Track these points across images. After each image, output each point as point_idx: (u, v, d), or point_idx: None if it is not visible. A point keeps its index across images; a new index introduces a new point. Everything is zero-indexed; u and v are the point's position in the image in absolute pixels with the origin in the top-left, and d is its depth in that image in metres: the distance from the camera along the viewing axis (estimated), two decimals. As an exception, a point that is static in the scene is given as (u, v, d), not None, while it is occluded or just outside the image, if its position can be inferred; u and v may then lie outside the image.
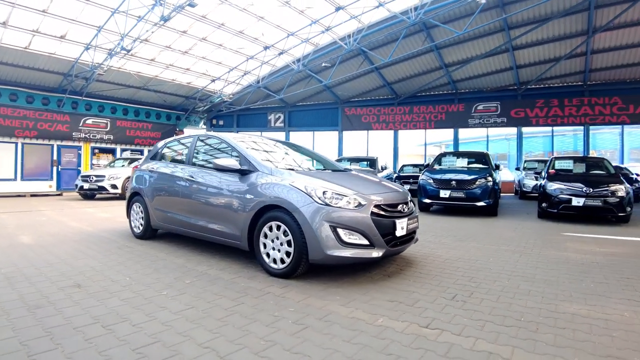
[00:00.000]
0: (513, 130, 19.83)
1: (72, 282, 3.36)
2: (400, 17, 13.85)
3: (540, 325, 2.61)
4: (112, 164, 14.66)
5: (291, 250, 3.44)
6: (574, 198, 7.93)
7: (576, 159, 10.01)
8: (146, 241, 5.22)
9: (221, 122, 23.51)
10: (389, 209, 3.64)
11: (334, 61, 17.23)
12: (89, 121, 18.00)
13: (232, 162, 3.93)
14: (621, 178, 8.47)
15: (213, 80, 18.88)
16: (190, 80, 18.90)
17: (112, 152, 19.22)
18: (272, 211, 3.59)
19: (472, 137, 21.11)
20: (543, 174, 9.68)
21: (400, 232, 3.66)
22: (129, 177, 12.88)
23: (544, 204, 8.47)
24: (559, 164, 9.74)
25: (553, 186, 8.38)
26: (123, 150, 19.44)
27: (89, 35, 13.41)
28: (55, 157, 17.19)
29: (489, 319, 2.71)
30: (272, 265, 3.59)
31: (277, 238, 3.55)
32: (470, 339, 2.37)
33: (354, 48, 15.36)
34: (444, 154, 11.36)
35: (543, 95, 18.69)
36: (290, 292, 3.15)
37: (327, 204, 3.37)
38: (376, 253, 3.42)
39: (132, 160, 14.44)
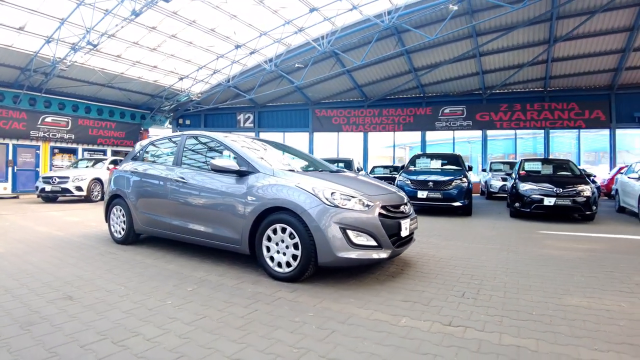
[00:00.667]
0: (478, 133, 20.60)
1: (61, 293, 3.09)
2: (374, 20, 14.03)
3: (553, 318, 2.70)
4: (75, 164, 13.85)
5: (298, 253, 3.36)
6: (545, 198, 8.32)
7: (544, 161, 10.52)
8: (128, 246, 4.93)
9: (188, 122, 22.85)
10: (392, 210, 3.65)
11: (306, 62, 17.19)
12: (48, 119, 16.92)
13: (230, 163, 3.80)
14: (587, 179, 8.98)
15: (181, 79, 18.31)
16: (157, 78, 18.23)
17: (73, 152, 18.17)
18: (276, 213, 3.49)
19: (437, 140, 21.76)
20: (514, 175, 10.08)
21: (404, 232, 3.67)
22: (95, 179, 12.23)
23: (516, 204, 8.82)
24: (528, 166, 10.18)
25: (525, 187, 8.74)
26: (85, 150, 18.43)
27: (50, 27, 12.60)
28: (10, 157, 16.01)
29: (504, 314, 2.77)
30: (277, 269, 3.49)
31: (282, 241, 3.45)
32: (495, 334, 2.41)
33: (327, 50, 15.40)
34: (418, 156, 11.60)
35: (507, 100, 19.53)
36: (302, 296, 3.07)
37: (335, 205, 3.32)
38: (384, 254, 3.41)
39: (97, 161, 13.71)
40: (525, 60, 16.88)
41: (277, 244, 3.49)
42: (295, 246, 3.38)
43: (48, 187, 11.74)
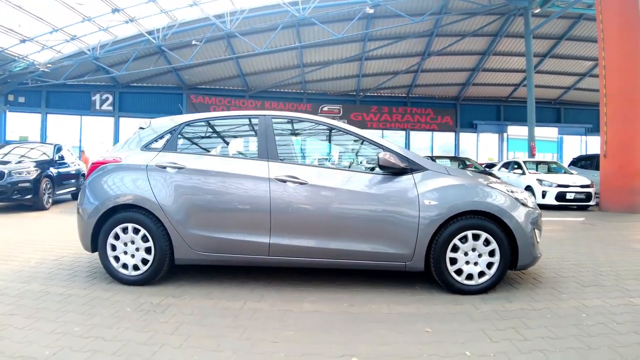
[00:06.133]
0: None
1: None
2: (286, 7, 13.51)
3: None
4: None
5: (494, 260, 3.00)
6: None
7: (452, 159, 12.11)
8: (157, 287, 3.20)
9: (22, 99, 17.39)
10: None
11: (199, 40, 15.25)
12: None
13: (396, 158, 3.04)
14: (494, 173, 10.75)
15: (23, 41, 13.70)
16: (-16, 34, 13.24)
17: None
18: (463, 219, 2.99)
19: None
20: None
21: None
22: None
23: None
24: (439, 162, 11.52)
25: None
26: None
27: None
28: None
29: None
30: (467, 282, 3.00)
31: (474, 249, 2.99)
32: None
33: (230, 30, 14.05)
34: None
35: (376, 103, 21.64)
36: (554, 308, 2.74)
37: (527, 205, 3.16)
38: None
39: None
40: (401, 69, 18.99)
41: (465, 254, 3.00)
42: (491, 253, 3.00)
43: None
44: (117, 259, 3.28)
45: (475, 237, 3.00)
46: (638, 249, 4.97)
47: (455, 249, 3.00)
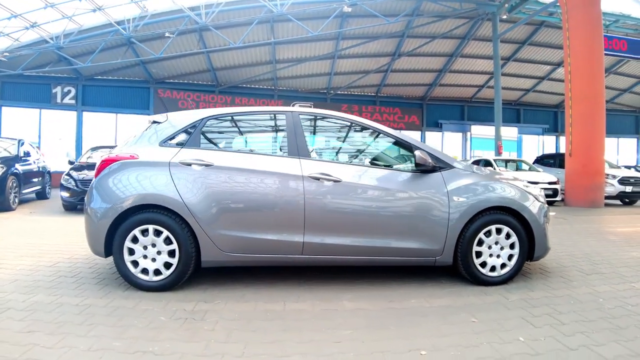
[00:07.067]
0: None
1: None
2: (263, 2, 13.36)
3: None
4: None
5: (514, 252, 3.26)
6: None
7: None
8: (181, 292, 3.06)
9: (-28, 90, 15.98)
10: None
11: (171, 33, 14.72)
12: None
13: (427, 156, 3.19)
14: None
15: (-23, 26, 12.67)
16: None
17: None
18: (489, 213, 3.20)
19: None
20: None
21: None
22: None
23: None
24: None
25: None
26: None
27: None
28: None
29: None
30: (490, 273, 3.22)
31: (497, 243, 3.22)
32: None
33: (206, 23, 13.69)
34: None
35: (347, 101, 21.86)
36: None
37: (539, 200, 3.43)
38: None
39: None
40: (372, 68, 19.33)
41: (489, 247, 3.21)
42: (512, 246, 3.25)
43: None
44: (135, 263, 3.10)
45: (498, 231, 3.22)
46: (613, 240, 5.45)
47: (480, 242, 3.20)
